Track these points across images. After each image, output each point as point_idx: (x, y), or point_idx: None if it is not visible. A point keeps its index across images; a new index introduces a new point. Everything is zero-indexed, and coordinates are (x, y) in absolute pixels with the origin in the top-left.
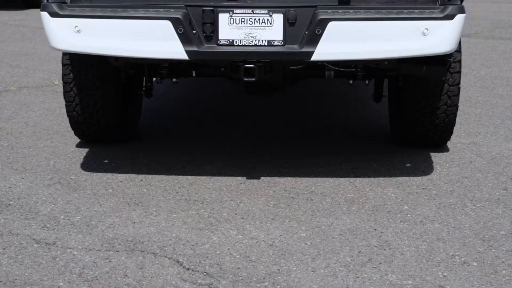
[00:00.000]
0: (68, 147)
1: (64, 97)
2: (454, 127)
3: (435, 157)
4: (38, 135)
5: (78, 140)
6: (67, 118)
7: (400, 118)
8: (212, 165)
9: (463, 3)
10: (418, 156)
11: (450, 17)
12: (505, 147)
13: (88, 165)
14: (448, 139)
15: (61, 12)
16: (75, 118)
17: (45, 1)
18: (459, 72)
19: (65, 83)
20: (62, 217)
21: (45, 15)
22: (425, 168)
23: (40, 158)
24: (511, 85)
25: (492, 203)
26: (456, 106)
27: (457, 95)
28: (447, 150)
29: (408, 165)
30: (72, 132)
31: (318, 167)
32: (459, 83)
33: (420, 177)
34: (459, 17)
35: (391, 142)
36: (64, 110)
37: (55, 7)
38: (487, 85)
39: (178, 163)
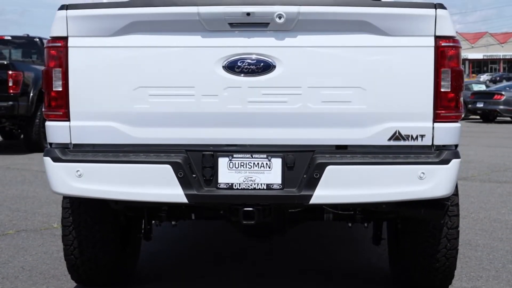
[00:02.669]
0: None
1: (63, 241)
2: (455, 271)
3: None
4: (34, 280)
5: (74, 284)
6: (65, 262)
7: (400, 261)
8: None
9: (458, 148)
10: None
11: (445, 161)
12: None
13: None
14: (450, 283)
15: (63, 157)
16: (73, 262)
17: (49, 146)
18: (457, 215)
19: (64, 226)
20: None
21: (47, 160)
22: None
23: None
24: (510, 228)
25: None
26: (456, 249)
27: (457, 238)
28: None
29: None
30: (69, 276)
31: None
32: (458, 226)
33: None
34: (455, 162)
35: (392, 284)
36: (61, 254)
37: (58, 153)
38: (486, 228)
39: None
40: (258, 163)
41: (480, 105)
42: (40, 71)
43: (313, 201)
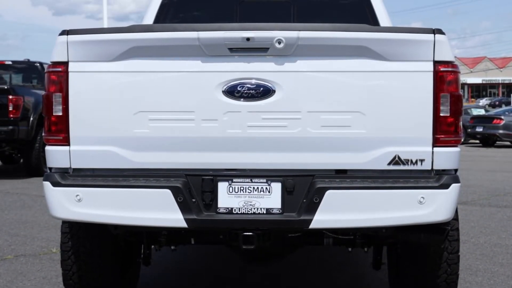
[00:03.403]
0: None
1: (62, 266)
2: None
3: None
4: None
5: None
6: (64, 287)
7: (400, 286)
8: None
9: (458, 173)
10: None
11: (445, 186)
12: None
13: None
14: None
15: (63, 182)
16: (72, 287)
17: (48, 171)
18: (458, 240)
19: (63, 251)
20: None
21: (47, 184)
22: None
23: None
24: (511, 253)
25: None
26: (456, 275)
27: (457, 263)
28: None
29: None
30: None
31: None
32: (458, 251)
33: None
34: (454, 186)
35: None
36: (60, 279)
37: (57, 177)
38: (486, 253)
39: None
40: (257, 188)
41: (479, 129)
42: (40, 96)
43: (312, 225)
